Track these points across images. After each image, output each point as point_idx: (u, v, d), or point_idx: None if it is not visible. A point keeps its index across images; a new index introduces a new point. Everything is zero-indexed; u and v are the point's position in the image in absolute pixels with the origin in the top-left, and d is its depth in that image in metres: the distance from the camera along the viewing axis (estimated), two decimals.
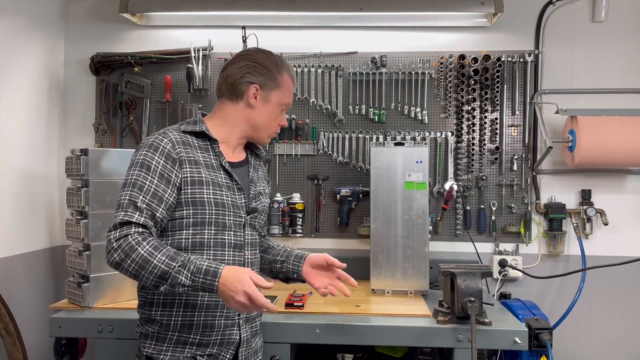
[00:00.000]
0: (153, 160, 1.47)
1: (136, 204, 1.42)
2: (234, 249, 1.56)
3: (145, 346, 1.54)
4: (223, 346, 1.54)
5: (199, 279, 1.37)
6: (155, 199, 1.44)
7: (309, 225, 2.84)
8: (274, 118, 1.64)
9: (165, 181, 1.46)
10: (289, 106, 1.67)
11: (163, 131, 1.54)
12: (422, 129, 2.79)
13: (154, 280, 1.38)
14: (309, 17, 2.78)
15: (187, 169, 1.49)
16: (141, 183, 1.44)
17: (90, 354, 2.34)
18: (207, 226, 1.51)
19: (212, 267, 1.38)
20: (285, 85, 1.63)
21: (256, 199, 1.65)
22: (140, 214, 1.42)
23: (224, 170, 1.57)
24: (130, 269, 1.38)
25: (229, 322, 1.55)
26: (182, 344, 1.51)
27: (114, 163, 2.21)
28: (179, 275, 1.36)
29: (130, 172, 1.47)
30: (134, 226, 1.41)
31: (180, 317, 1.51)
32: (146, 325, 1.55)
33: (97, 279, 2.16)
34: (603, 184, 2.74)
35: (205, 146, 1.57)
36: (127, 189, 1.44)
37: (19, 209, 2.52)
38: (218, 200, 1.52)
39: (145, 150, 1.49)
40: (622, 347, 2.74)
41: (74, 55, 2.91)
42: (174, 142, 1.50)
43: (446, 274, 2.01)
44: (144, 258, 1.37)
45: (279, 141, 2.82)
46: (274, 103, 1.61)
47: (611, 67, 2.74)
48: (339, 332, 1.99)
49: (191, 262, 1.38)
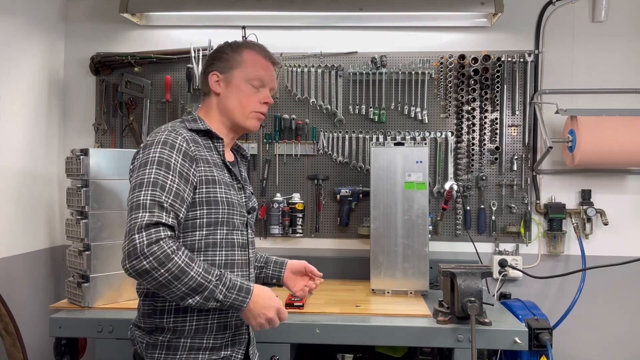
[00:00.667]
0: (171, 159, 1.39)
1: (162, 205, 1.33)
2: (240, 248, 1.55)
3: (155, 357, 1.46)
4: (235, 347, 1.53)
5: (232, 294, 1.37)
6: (178, 199, 1.37)
7: (309, 225, 2.84)
8: (246, 97, 1.56)
9: (185, 180, 1.40)
10: (264, 80, 1.58)
11: (172, 128, 1.47)
12: (422, 129, 2.79)
13: (185, 292, 1.32)
14: (309, 17, 2.78)
15: (202, 167, 1.46)
16: (162, 182, 1.35)
17: (90, 354, 2.34)
18: (220, 226, 1.48)
19: (245, 285, 1.40)
20: (246, 61, 1.57)
21: (251, 199, 1.66)
22: (168, 215, 1.33)
23: (227, 168, 1.56)
24: (162, 278, 1.29)
25: (239, 321, 1.53)
26: (195, 350, 1.47)
27: (114, 163, 2.20)
28: (216, 290, 1.34)
29: (147, 170, 1.37)
30: (163, 229, 1.31)
31: (195, 321, 1.47)
32: (154, 335, 1.48)
33: (97, 279, 2.16)
34: (603, 184, 2.74)
35: (209, 145, 1.54)
36: (147, 188, 1.34)
37: (19, 209, 2.52)
38: (229, 199, 1.50)
39: (160, 147, 1.40)
40: (622, 347, 2.74)
41: (74, 55, 2.91)
42: (187, 140, 1.45)
43: (446, 274, 2.01)
44: (181, 269, 1.30)
45: (279, 141, 2.82)
46: (238, 82, 1.56)
47: (611, 67, 2.74)
48: (339, 332, 1.99)
49: (227, 278, 1.37)
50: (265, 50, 1.62)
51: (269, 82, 1.60)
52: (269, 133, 2.83)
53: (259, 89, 1.59)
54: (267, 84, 1.60)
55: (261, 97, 1.59)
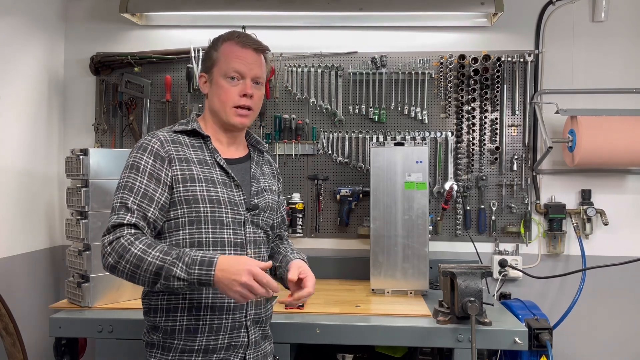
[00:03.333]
0: (142, 161, 1.47)
1: (127, 206, 1.42)
2: (234, 247, 1.51)
3: (152, 356, 1.50)
4: (230, 350, 1.51)
5: (194, 270, 1.32)
6: (146, 199, 1.43)
7: (309, 225, 2.84)
8: (224, 92, 1.52)
9: (155, 180, 1.45)
10: (240, 71, 1.52)
11: (153, 132, 1.54)
12: (422, 129, 2.79)
13: (150, 279, 1.35)
14: (309, 17, 2.78)
15: (177, 166, 1.48)
16: (131, 184, 1.44)
17: (90, 354, 2.34)
18: (204, 224, 1.48)
19: (208, 257, 1.34)
20: (221, 55, 1.53)
21: (258, 196, 1.60)
22: (132, 214, 1.41)
23: (219, 167, 1.54)
24: (126, 270, 1.37)
25: (236, 324, 1.51)
26: (188, 352, 1.47)
27: (114, 163, 2.20)
28: (173, 268, 1.32)
29: (122, 175, 1.48)
30: (126, 228, 1.40)
31: (185, 321, 1.47)
32: (152, 334, 1.51)
33: (97, 279, 2.16)
34: (603, 184, 2.74)
35: (199, 144, 1.56)
36: (119, 192, 1.45)
37: (18, 209, 2.52)
38: (213, 197, 1.49)
39: (135, 152, 1.49)
40: (622, 347, 2.74)
41: (74, 55, 2.91)
42: (162, 140, 1.50)
43: (446, 274, 2.00)
44: (137, 257, 1.35)
45: (279, 141, 2.82)
46: (217, 79, 1.53)
47: (611, 67, 2.74)
48: (339, 332, 1.99)
49: (186, 254, 1.35)
50: (243, 38, 1.55)
51: (246, 71, 1.52)
52: (268, 133, 2.83)
53: (239, 81, 1.53)
54: (246, 74, 1.52)
55: (240, 89, 1.53)
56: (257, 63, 1.55)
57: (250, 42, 1.55)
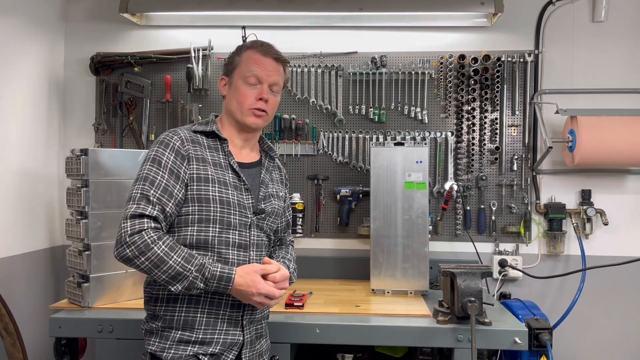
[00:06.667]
0: (164, 156, 1.51)
1: (148, 197, 1.46)
2: (238, 248, 1.56)
3: (150, 343, 1.55)
4: (225, 347, 1.54)
5: (213, 283, 1.45)
6: (166, 194, 1.48)
7: (309, 225, 2.84)
8: (242, 94, 1.61)
9: (175, 177, 1.50)
10: (258, 76, 1.61)
11: (174, 129, 1.59)
12: (422, 129, 2.79)
13: (166, 280, 1.43)
14: (309, 17, 2.79)
15: (194, 166, 1.53)
16: (152, 178, 1.48)
17: (90, 354, 2.34)
18: (212, 224, 1.53)
19: (225, 274, 1.45)
20: (243, 61, 1.62)
21: (265, 201, 1.65)
22: (153, 207, 1.45)
23: (232, 169, 1.59)
24: (143, 266, 1.42)
25: (232, 322, 1.56)
26: (184, 343, 1.52)
27: (113, 163, 2.21)
28: (196, 281, 1.43)
29: (143, 167, 1.51)
30: (147, 220, 1.43)
31: (183, 313, 1.52)
32: (151, 322, 1.57)
33: (97, 279, 2.16)
34: (603, 184, 2.74)
35: (215, 146, 1.61)
36: (139, 183, 1.48)
37: (19, 209, 2.52)
38: (223, 198, 1.54)
39: (157, 147, 1.54)
40: (622, 347, 2.74)
41: (74, 55, 2.91)
42: (183, 139, 1.55)
43: (446, 274, 2.01)
44: (159, 258, 1.41)
45: (279, 141, 2.82)
46: (236, 82, 1.62)
47: (611, 67, 2.74)
48: (339, 332, 1.99)
49: (205, 268, 1.44)
50: (266, 47, 1.65)
51: (264, 77, 1.61)
52: (269, 133, 2.83)
53: (256, 86, 1.62)
54: (264, 80, 1.61)
55: (258, 93, 1.61)
56: (276, 71, 1.65)
57: (271, 52, 1.65)
